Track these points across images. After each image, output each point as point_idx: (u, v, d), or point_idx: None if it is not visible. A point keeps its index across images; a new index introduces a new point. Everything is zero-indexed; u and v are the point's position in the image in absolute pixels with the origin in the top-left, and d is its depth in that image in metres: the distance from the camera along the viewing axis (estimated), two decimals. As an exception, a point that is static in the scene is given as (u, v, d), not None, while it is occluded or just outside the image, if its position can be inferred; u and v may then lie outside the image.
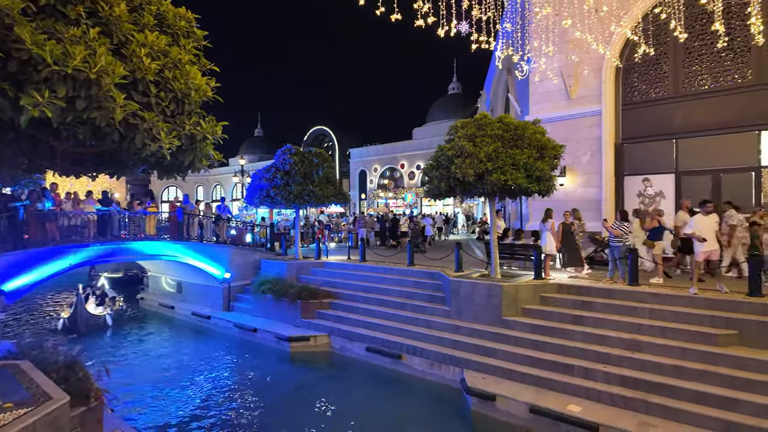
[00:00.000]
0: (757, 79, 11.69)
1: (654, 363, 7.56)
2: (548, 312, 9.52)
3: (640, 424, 6.78)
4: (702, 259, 8.48)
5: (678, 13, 10.23)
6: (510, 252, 12.72)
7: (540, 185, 9.89)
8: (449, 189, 10.50)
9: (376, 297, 12.51)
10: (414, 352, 10.30)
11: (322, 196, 14.37)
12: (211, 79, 5.24)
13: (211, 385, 10.15)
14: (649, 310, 8.51)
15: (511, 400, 7.88)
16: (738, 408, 6.55)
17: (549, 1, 10.62)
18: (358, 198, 45.28)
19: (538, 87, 15.13)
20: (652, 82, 13.41)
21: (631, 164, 13.84)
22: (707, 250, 8.44)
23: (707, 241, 8.41)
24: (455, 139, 10.24)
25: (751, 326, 7.47)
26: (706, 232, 8.44)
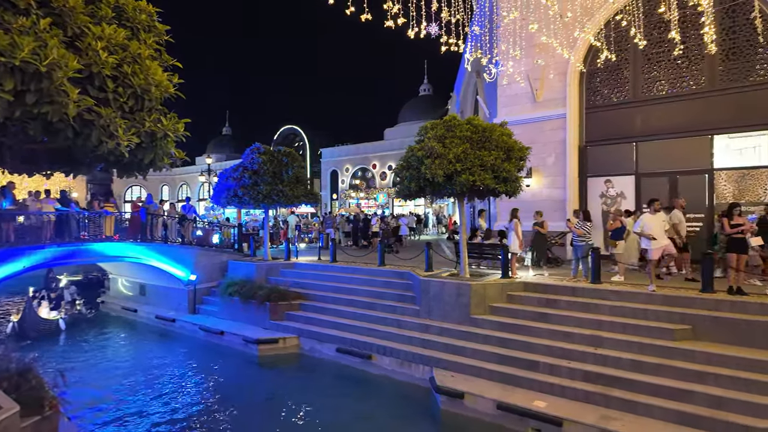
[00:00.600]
0: (710, 85, 12.28)
1: (614, 358, 7.83)
2: (515, 310, 9.72)
3: (601, 417, 7.00)
4: (656, 257, 8.83)
5: (638, 21, 10.63)
6: (479, 251, 12.93)
7: (507, 186, 10.09)
8: (419, 189, 10.58)
9: (346, 297, 12.45)
10: (384, 352, 10.31)
11: (292, 196, 14.20)
12: (174, 75, 5.09)
13: (175, 390, 9.86)
14: (610, 307, 8.80)
15: (479, 398, 8.00)
16: (691, 399, 6.86)
17: (516, 5, 10.83)
18: (329, 198, 45.02)
19: (505, 90, 15.41)
20: (613, 86, 13.89)
21: (594, 166, 14.28)
22: (659, 246, 8.81)
23: (656, 239, 8.76)
24: (425, 140, 10.32)
25: (704, 321, 7.84)
26: (655, 230, 8.82)
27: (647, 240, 8.89)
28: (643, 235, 8.92)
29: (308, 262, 15.21)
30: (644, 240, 9.00)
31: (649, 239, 8.81)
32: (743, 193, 11.99)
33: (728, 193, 12.16)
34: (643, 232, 8.91)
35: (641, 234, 8.96)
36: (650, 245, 8.86)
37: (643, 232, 8.88)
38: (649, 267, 9.01)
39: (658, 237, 8.81)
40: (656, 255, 8.83)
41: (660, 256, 8.88)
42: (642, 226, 8.95)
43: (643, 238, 9.03)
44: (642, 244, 9.13)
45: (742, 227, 8.36)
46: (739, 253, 8.33)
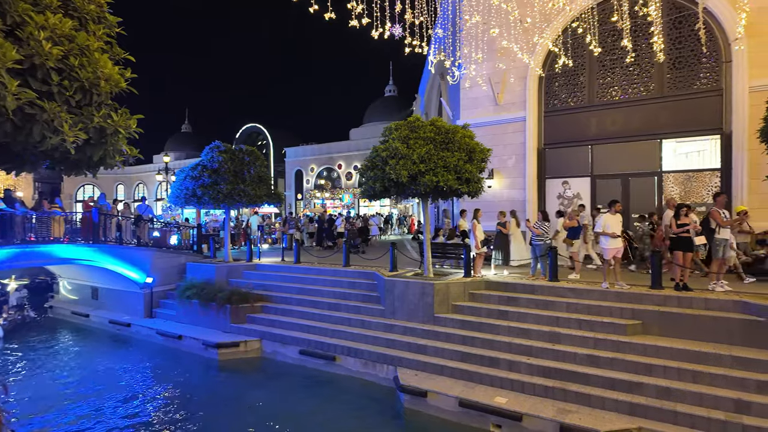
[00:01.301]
0: (659, 92, 12.94)
1: (571, 353, 8.11)
2: (477, 308, 9.90)
3: (558, 411, 7.23)
4: (611, 256, 9.21)
5: (593, 28, 11.06)
6: (442, 251, 13.08)
7: (469, 187, 10.27)
8: (384, 189, 10.60)
9: (310, 299, 12.31)
10: (349, 353, 10.26)
11: (255, 195, 13.91)
12: (126, 69, 4.85)
13: (130, 398, 9.44)
14: (567, 304, 9.11)
15: (441, 395, 8.09)
16: (642, 391, 7.19)
17: (478, 9, 11.03)
18: (294, 198, 44.42)
19: (468, 93, 15.68)
20: (570, 91, 14.39)
21: (552, 168, 14.76)
22: (615, 246, 9.20)
23: (618, 237, 9.17)
24: (389, 141, 10.36)
25: (653, 316, 8.24)
26: (615, 230, 9.21)
27: (605, 240, 9.23)
28: (604, 233, 9.24)
29: (271, 264, 14.94)
30: (602, 240, 9.35)
31: (608, 237, 9.14)
32: (689, 194, 12.70)
33: (675, 195, 12.84)
34: (604, 231, 9.23)
35: (602, 233, 9.28)
36: (606, 245, 9.21)
37: (605, 231, 9.21)
38: (604, 267, 9.38)
39: (613, 241, 9.14)
40: (611, 254, 9.19)
41: (614, 255, 9.23)
42: (603, 226, 9.28)
43: (601, 237, 9.37)
44: (601, 243, 9.45)
45: (688, 227, 8.84)
46: (685, 251, 8.81)
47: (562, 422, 6.90)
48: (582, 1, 12.54)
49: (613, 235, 9.16)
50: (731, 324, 7.60)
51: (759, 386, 6.69)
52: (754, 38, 11.17)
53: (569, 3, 12.09)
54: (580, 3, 12.67)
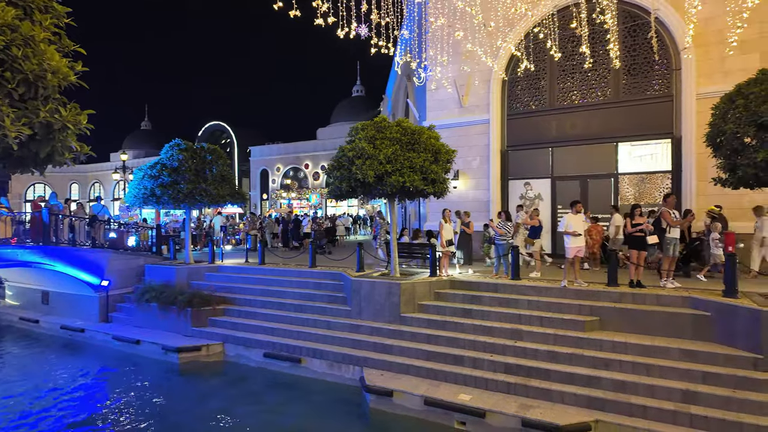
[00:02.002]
0: (615, 97, 13.48)
1: (532, 350, 8.32)
2: (442, 307, 10.01)
3: (520, 406, 7.41)
4: (572, 255, 9.51)
5: (553, 34, 11.41)
6: (408, 251, 13.16)
7: (435, 187, 10.38)
8: (351, 190, 10.56)
9: (275, 301, 12.11)
10: (314, 355, 10.16)
11: (217, 195, 13.56)
12: (77, 62, 4.61)
13: (82, 406, 8.99)
14: (528, 302, 9.35)
15: (407, 394, 8.13)
16: (599, 384, 7.46)
17: (443, 12, 11.17)
18: (259, 198, 43.64)
19: (434, 94, 15.85)
20: (532, 95, 14.78)
21: (514, 169, 15.11)
22: (577, 246, 9.49)
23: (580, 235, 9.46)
24: (356, 141, 10.33)
25: (609, 312, 8.57)
26: (578, 230, 9.49)
27: (567, 239, 9.48)
28: (566, 232, 9.48)
29: (235, 265, 14.60)
30: (565, 239, 9.58)
31: (570, 236, 9.38)
32: (642, 195, 13.29)
33: (630, 196, 13.42)
34: (567, 230, 9.49)
35: (565, 232, 9.52)
36: (568, 244, 9.47)
37: (567, 230, 9.47)
38: (565, 266, 9.66)
39: (579, 236, 9.42)
40: (572, 253, 9.45)
41: (575, 254, 9.50)
42: (566, 225, 9.53)
43: (565, 236, 9.57)
44: (565, 243, 9.66)
45: (641, 226, 9.23)
46: (639, 249, 9.20)
47: (524, 417, 7.07)
48: (543, 8, 12.90)
49: (575, 233, 9.44)
50: (680, 319, 8.00)
51: (704, 377, 7.06)
52: (701, 48, 11.83)
53: (531, 9, 12.42)
54: (541, 9, 13.03)
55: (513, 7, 9.92)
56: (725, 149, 7.56)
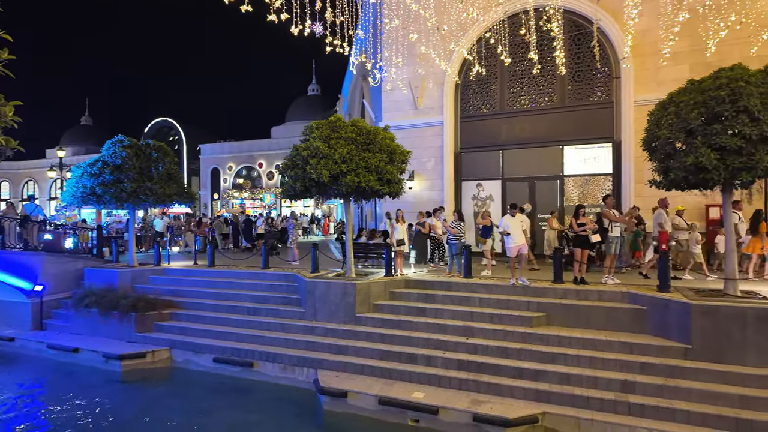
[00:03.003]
0: (561, 102, 14.11)
1: (483, 346, 8.54)
2: (397, 306, 10.08)
3: (472, 401, 7.58)
4: (514, 254, 9.74)
5: (504, 40, 11.78)
6: (364, 251, 13.17)
7: (390, 188, 10.44)
8: (305, 189, 10.44)
9: (226, 304, 11.74)
10: (267, 358, 9.94)
11: (163, 194, 12.96)
12: (2, 49, 4.25)
13: (7, 427, 8.32)
14: (480, 299, 9.60)
15: (361, 395, 8.12)
16: (546, 378, 7.76)
17: (398, 14, 11.26)
18: (210, 198, 42.20)
19: (389, 95, 15.95)
20: (484, 98, 15.21)
21: (467, 171, 15.49)
22: (517, 245, 9.73)
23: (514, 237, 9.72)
24: (310, 140, 10.22)
25: (555, 308, 8.95)
26: (514, 230, 9.79)
27: (507, 239, 9.79)
28: (504, 233, 9.81)
29: (182, 267, 14.03)
30: (506, 239, 9.90)
31: (509, 237, 9.70)
32: (586, 196, 13.99)
33: (575, 196, 14.09)
34: (505, 231, 9.81)
35: (503, 233, 9.84)
36: (508, 243, 9.79)
37: (505, 231, 9.80)
38: (510, 263, 9.94)
39: (516, 236, 9.75)
40: (513, 252, 9.74)
41: (517, 253, 9.78)
42: (504, 226, 9.88)
43: (505, 237, 9.92)
44: (505, 243, 10.03)
45: (586, 226, 9.70)
46: (583, 248, 9.66)
47: (476, 412, 7.24)
48: (494, 14, 13.29)
49: (506, 233, 9.76)
50: (620, 313, 8.48)
51: (642, 367, 7.51)
52: (638, 58, 12.60)
53: (483, 14, 12.75)
54: (492, 16, 13.42)
55: (465, 11, 10.15)
56: (659, 153, 8.07)
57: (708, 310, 7.39)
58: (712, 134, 7.08)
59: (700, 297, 7.83)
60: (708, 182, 7.51)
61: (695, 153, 7.21)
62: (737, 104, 6.90)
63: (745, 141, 6.89)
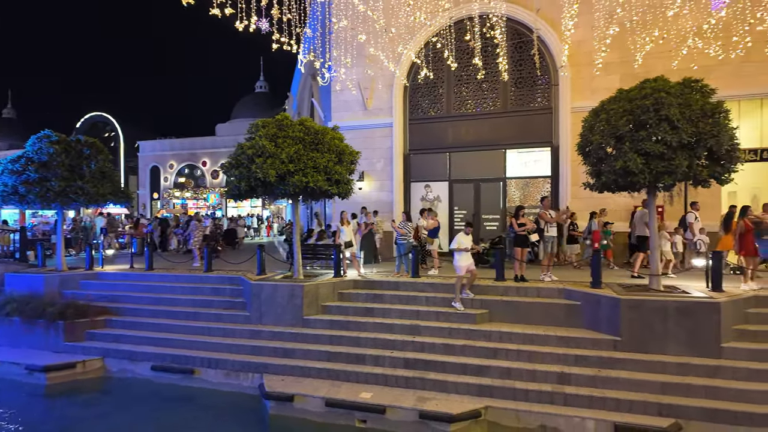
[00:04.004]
0: (504, 107, 14.66)
1: (430, 344, 8.70)
2: (345, 307, 10.05)
3: (418, 399, 7.70)
4: (463, 272, 9.33)
5: (450, 45, 12.07)
6: (313, 252, 13.03)
7: (339, 188, 10.40)
8: (250, 189, 10.18)
9: (165, 309, 11.21)
10: (209, 364, 9.59)
11: (96, 194, 12.15)
12: None
13: None
14: (427, 298, 9.77)
15: (308, 398, 8.02)
16: (488, 373, 8.03)
17: (346, 14, 11.23)
18: (149, 198, 40.09)
19: (338, 95, 15.89)
20: (431, 102, 15.51)
21: (416, 172, 15.72)
22: (467, 264, 9.33)
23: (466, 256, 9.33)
24: (256, 138, 9.98)
25: (497, 305, 9.27)
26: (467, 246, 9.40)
27: (457, 257, 9.31)
28: (459, 249, 9.34)
29: (118, 271, 13.22)
30: (455, 258, 9.35)
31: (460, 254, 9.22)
32: (527, 197, 14.61)
33: (517, 198, 14.68)
34: (459, 247, 9.36)
35: (457, 249, 9.36)
36: (458, 262, 9.25)
37: (460, 247, 9.36)
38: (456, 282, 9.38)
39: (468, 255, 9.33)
40: (462, 272, 9.33)
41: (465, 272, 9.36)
42: (458, 243, 9.40)
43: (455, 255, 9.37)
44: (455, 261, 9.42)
45: (526, 226, 10.13)
46: (522, 247, 10.08)
47: (421, 410, 7.36)
48: (441, 19, 13.56)
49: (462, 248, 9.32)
50: (556, 308, 8.93)
51: (576, 360, 7.94)
52: (575, 67, 13.33)
53: (430, 19, 12.97)
54: (439, 20, 13.68)
55: (413, 15, 10.30)
56: (592, 158, 8.59)
57: (635, 304, 7.95)
58: (638, 140, 7.63)
59: (627, 292, 8.41)
60: (635, 185, 8.08)
61: (624, 158, 7.73)
62: (660, 113, 7.47)
63: (667, 147, 7.48)
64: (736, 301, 7.93)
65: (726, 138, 7.57)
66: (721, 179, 7.95)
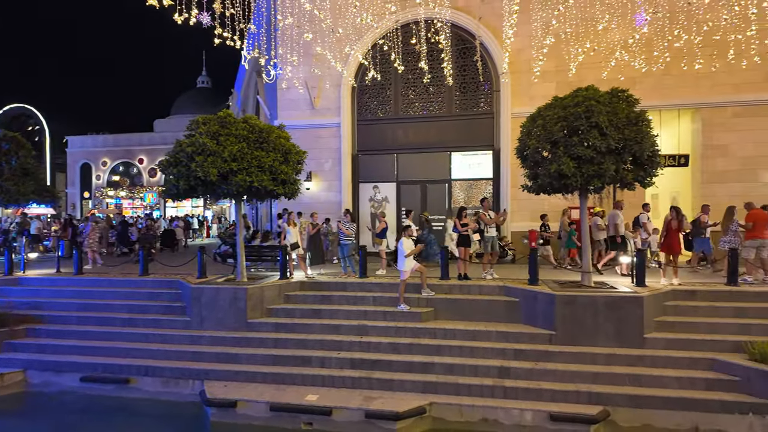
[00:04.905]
0: (449, 111, 15.05)
1: (376, 343, 8.77)
2: (291, 309, 9.91)
3: (364, 399, 7.73)
4: (406, 276, 9.38)
5: (397, 47, 12.22)
6: (257, 254, 12.72)
7: (285, 188, 10.24)
8: (190, 188, 9.79)
9: (96, 316, 10.53)
10: (146, 372, 9.10)
11: (17, 192, 11.22)
12: None
13: None
14: (374, 298, 9.85)
15: (252, 403, 7.83)
16: (432, 370, 8.21)
17: (292, 12, 11.08)
18: (79, 197, 37.41)
19: (285, 94, 15.64)
20: (379, 103, 15.63)
21: (364, 173, 15.78)
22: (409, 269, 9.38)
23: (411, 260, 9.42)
24: (196, 135, 9.61)
25: (442, 303, 9.51)
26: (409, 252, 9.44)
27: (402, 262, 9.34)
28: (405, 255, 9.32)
29: (42, 276, 12.24)
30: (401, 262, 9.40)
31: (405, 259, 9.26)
32: (470, 199, 15.09)
33: (461, 199, 15.12)
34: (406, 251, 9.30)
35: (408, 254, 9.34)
36: (403, 266, 9.30)
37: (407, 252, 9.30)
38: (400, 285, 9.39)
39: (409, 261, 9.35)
40: (407, 276, 9.41)
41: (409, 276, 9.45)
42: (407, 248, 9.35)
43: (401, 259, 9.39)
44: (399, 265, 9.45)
45: (468, 227, 10.45)
46: (465, 246, 10.40)
47: (367, 409, 7.39)
48: (388, 22, 13.72)
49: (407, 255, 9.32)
50: (497, 305, 9.30)
51: (516, 354, 8.30)
52: (515, 74, 13.93)
53: (377, 21, 13.08)
54: (386, 23, 13.85)
55: (359, 17, 10.34)
56: (529, 161, 9.04)
57: (568, 300, 8.44)
58: (571, 145, 8.11)
59: (562, 288, 8.91)
60: (568, 187, 8.58)
61: (558, 161, 8.19)
62: (590, 120, 7.99)
63: (596, 152, 8.01)
64: (656, 295, 8.62)
65: (648, 144, 8.22)
66: (644, 182, 8.63)
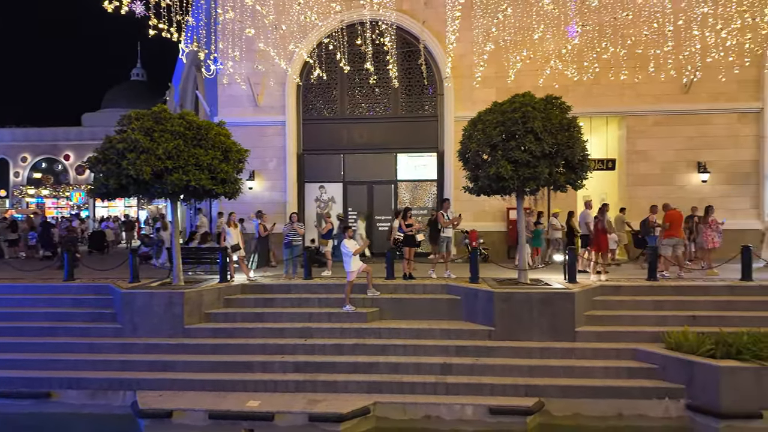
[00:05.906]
0: (395, 113, 15.19)
1: (321, 345, 8.68)
2: (232, 314, 9.59)
3: (308, 402, 7.63)
4: (353, 278, 9.40)
5: (343, 47, 12.17)
6: (196, 256, 12.20)
7: (225, 188, 9.90)
8: (120, 188, 9.23)
9: (11, 325, 9.65)
10: (70, 385, 8.44)
11: None
12: None
13: None
14: (319, 300, 9.75)
15: (189, 412, 7.49)
16: (377, 369, 8.25)
17: (233, 6, 10.71)
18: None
19: (226, 90, 15.11)
20: (326, 102, 15.49)
21: (310, 173, 15.56)
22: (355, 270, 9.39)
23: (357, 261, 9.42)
24: (128, 131, 9.07)
25: (388, 303, 9.59)
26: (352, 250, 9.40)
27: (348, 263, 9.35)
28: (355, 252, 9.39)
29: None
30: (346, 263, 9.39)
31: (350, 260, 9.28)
32: (416, 200, 15.33)
33: (407, 200, 15.31)
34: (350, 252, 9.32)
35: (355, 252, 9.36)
36: (349, 267, 9.31)
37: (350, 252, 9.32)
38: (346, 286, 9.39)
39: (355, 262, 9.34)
40: (353, 276, 9.40)
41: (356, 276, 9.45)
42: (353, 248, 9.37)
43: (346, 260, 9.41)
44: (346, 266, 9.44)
45: (413, 227, 10.60)
46: (410, 246, 10.55)
47: (311, 412, 7.29)
48: (333, 21, 13.62)
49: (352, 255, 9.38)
50: (440, 303, 9.51)
51: (457, 350, 8.53)
52: (458, 79, 14.29)
53: (322, 19, 12.94)
54: (331, 22, 13.73)
55: (303, 14, 10.19)
56: (470, 164, 9.33)
57: (505, 296, 8.79)
58: (509, 149, 8.46)
59: (500, 286, 9.27)
60: (506, 189, 8.95)
61: (496, 164, 8.52)
62: (526, 125, 8.38)
63: (532, 156, 8.41)
64: (586, 291, 9.18)
65: (579, 149, 8.75)
66: (576, 185, 9.17)
